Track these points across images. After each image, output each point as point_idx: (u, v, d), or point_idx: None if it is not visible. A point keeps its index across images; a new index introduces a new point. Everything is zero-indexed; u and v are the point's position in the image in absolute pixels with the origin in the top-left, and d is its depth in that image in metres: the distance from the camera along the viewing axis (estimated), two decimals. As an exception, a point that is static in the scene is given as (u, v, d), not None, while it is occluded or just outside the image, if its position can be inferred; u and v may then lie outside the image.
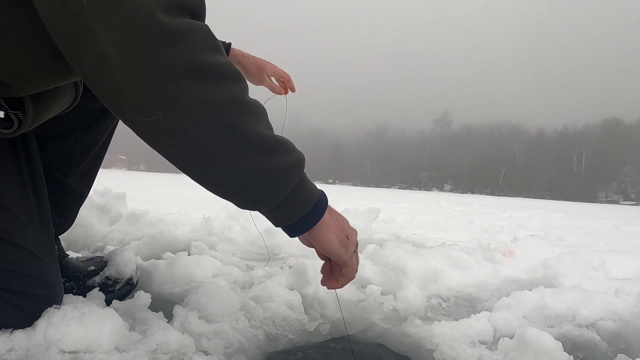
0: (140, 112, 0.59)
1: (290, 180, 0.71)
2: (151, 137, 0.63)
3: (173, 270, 1.20)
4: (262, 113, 0.68)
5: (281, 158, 0.69)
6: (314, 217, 0.77)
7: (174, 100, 0.58)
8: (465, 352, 0.97)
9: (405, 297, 1.19)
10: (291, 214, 0.75)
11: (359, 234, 2.14)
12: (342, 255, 0.83)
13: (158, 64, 0.57)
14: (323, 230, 0.78)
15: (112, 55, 0.56)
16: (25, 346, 0.76)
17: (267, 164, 0.67)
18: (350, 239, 0.84)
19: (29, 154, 0.88)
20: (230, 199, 0.71)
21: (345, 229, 0.84)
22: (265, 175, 0.68)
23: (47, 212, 0.89)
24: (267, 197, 0.70)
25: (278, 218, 0.76)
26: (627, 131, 74.39)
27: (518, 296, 1.23)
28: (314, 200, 0.76)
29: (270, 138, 0.68)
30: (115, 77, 0.57)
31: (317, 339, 1.10)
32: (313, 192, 0.76)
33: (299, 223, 0.76)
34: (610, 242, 3.74)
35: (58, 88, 0.81)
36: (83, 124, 1.07)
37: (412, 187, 79.45)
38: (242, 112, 0.64)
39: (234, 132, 0.63)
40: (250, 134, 0.64)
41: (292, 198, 0.72)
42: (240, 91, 0.65)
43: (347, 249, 0.83)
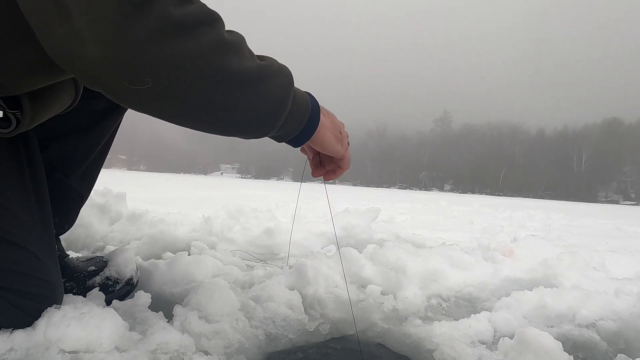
0: (124, 82, 0.57)
1: (287, 98, 0.73)
2: (144, 104, 0.62)
3: (173, 270, 1.21)
4: (242, 43, 0.68)
5: (274, 81, 0.70)
6: (314, 122, 0.82)
7: (159, 63, 0.57)
8: (465, 352, 0.97)
9: (405, 297, 1.19)
10: (295, 127, 0.79)
11: (359, 233, 2.17)
12: (339, 150, 0.90)
13: (132, 30, 0.55)
14: (321, 131, 0.84)
15: (82, 29, 0.54)
16: (25, 346, 0.76)
17: (263, 93, 0.68)
18: (343, 132, 0.90)
19: (30, 154, 0.88)
20: (238, 135, 0.73)
21: (337, 124, 0.89)
22: (266, 103, 0.70)
23: (47, 213, 0.89)
24: (273, 121, 0.73)
25: (283, 135, 0.79)
26: (627, 131, 74.39)
27: (518, 296, 1.23)
28: (309, 107, 0.80)
29: (259, 67, 0.68)
30: (88, 51, 0.55)
31: (317, 338, 1.10)
32: (305, 99, 0.80)
33: (302, 132, 0.80)
34: (610, 242, 3.74)
35: (57, 87, 0.81)
36: (85, 125, 1.07)
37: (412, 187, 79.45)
38: (227, 51, 0.63)
39: (225, 75, 0.63)
40: (240, 70, 0.65)
41: (293, 112, 0.75)
42: (219, 32, 0.63)
43: (343, 143, 0.90)
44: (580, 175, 73.50)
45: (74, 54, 0.56)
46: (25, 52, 0.67)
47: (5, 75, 0.70)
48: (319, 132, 0.83)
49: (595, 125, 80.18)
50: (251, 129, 0.72)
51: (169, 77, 0.58)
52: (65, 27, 0.55)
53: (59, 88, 0.82)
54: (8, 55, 0.67)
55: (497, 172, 79.19)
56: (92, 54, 0.55)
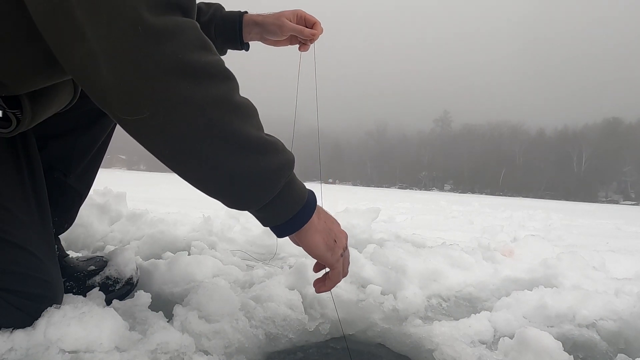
0: (126, 110, 0.59)
1: (278, 181, 0.70)
2: (138, 134, 0.63)
3: (173, 270, 1.20)
4: (252, 112, 0.68)
5: (270, 159, 0.68)
6: (302, 219, 0.77)
7: (160, 99, 0.58)
8: (466, 351, 0.97)
9: (405, 296, 1.19)
10: (279, 215, 0.75)
11: (359, 233, 2.17)
12: (328, 259, 0.82)
13: (143, 63, 0.56)
14: (309, 232, 0.78)
15: (98, 52, 0.56)
16: (25, 346, 0.76)
17: (255, 165, 0.67)
18: (338, 242, 0.84)
19: (29, 154, 0.88)
20: (218, 198, 0.71)
21: (334, 232, 0.83)
22: (253, 175, 0.67)
23: (47, 212, 0.89)
24: (254, 197, 0.70)
25: (266, 218, 0.76)
26: (627, 131, 74.38)
27: (518, 296, 1.23)
28: (302, 202, 0.76)
29: (259, 138, 0.67)
30: (101, 73, 0.57)
31: (317, 338, 1.10)
32: (302, 193, 0.76)
33: (287, 224, 0.76)
34: (610, 242, 3.74)
35: (56, 86, 0.81)
36: (83, 124, 1.07)
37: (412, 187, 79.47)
38: (230, 111, 0.63)
39: (221, 132, 0.62)
40: (238, 134, 0.64)
41: (280, 199, 0.72)
42: (228, 90, 0.64)
43: (334, 252, 0.83)
44: (580, 175, 73.52)
45: (90, 75, 0.58)
46: (28, 53, 0.67)
47: (8, 75, 0.70)
48: (306, 231, 0.78)
49: (595, 125, 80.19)
50: (233, 196, 0.70)
51: (165, 114, 0.59)
52: (83, 49, 0.56)
53: (58, 87, 0.82)
54: (12, 56, 0.68)
55: (497, 172, 79.23)
56: (105, 77, 0.57)
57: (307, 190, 0.79)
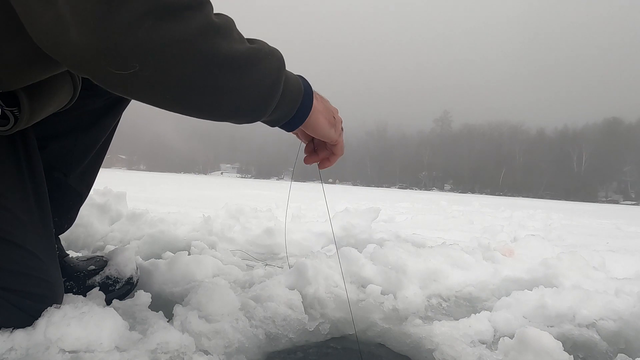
0: (115, 66, 0.56)
1: (279, 82, 0.72)
2: (133, 91, 0.61)
3: (173, 270, 1.21)
4: (231, 27, 0.67)
5: (265, 64, 0.69)
6: (307, 106, 0.80)
7: (145, 47, 0.56)
8: (466, 351, 0.97)
9: (405, 296, 1.19)
10: (287, 111, 0.78)
11: (359, 233, 2.17)
12: (333, 135, 0.87)
13: (117, 14, 0.54)
14: (313, 116, 0.82)
15: (65, 14, 0.53)
16: (25, 345, 0.76)
17: (255, 76, 0.68)
18: (337, 117, 0.88)
19: (29, 154, 0.88)
20: (230, 120, 0.72)
21: (330, 109, 0.87)
22: (257, 87, 0.69)
23: (47, 212, 0.89)
24: (263, 106, 0.72)
25: (275, 119, 0.78)
26: (627, 131, 74.38)
27: (518, 296, 1.23)
28: (301, 91, 0.79)
29: (249, 50, 0.67)
30: (71, 37, 0.54)
31: (317, 338, 1.10)
32: (298, 83, 0.79)
33: (295, 117, 0.79)
34: (610, 242, 3.74)
35: (54, 85, 0.81)
36: (83, 124, 1.07)
37: (412, 187, 79.47)
38: (215, 35, 0.62)
39: (214, 59, 0.62)
40: (230, 53, 0.63)
41: (285, 96, 0.74)
42: (207, 16, 0.62)
43: (336, 128, 0.88)
44: (580, 175, 73.50)
45: (58, 41, 0.55)
46: (20, 43, 0.66)
47: (2, 67, 0.69)
48: (311, 117, 0.82)
49: (595, 125, 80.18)
50: (242, 113, 0.71)
51: (155, 62, 0.57)
52: (50, 14, 0.54)
53: (56, 85, 0.81)
54: (4, 47, 0.67)
55: (497, 172, 79.23)
56: (76, 40, 0.54)
57: (299, 76, 0.81)
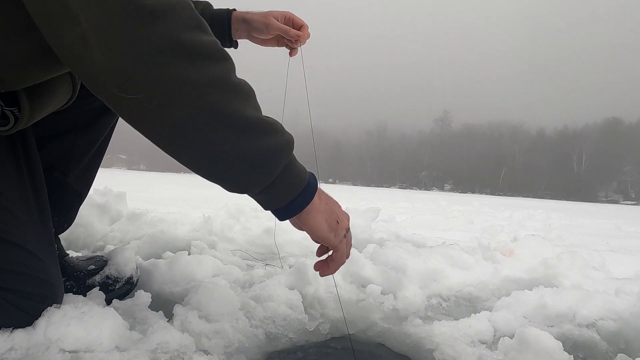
0: (121, 92, 0.58)
1: (278, 162, 0.70)
2: (134, 118, 0.62)
3: (173, 270, 1.20)
4: (249, 93, 0.67)
5: (269, 139, 0.67)
6: (304, 200, 0.76)
7: (155, 80, 0.57)
8: (466, 351, 0.97)
9: (405, 296, 1.19)
10: (280, 197, 0.74)
11: (359, 233, 2.17)
12: (331, 240, 0.83)
13: (137, 44, 0.55)
14: (311, 213, 0.78)
15: (90, 35, 0.55)
16: (25, 345, 0.76)
17: (254, 146, 0.66)
18: (341, 224, 0.84)
19: (28, 154, 0.88)
20: (217, 182, 0.70)
21: (336, 213, 0.84)
22: (253, 157, 0.67)
23: (46, 212, 0.89)
24: (254, 180, 0.69)
25: (267, 201, 0.75)
26: (627, 131, 74.37)
27: (518, 296, 1.23)
28: (303, 183, 0.75)
29: (257, 119, 0.66)
30: (94, 57, 0.56)
31: (317, 338, 1.10)
32: (302, 174, 0.76)
33: (288, 206, 0.75)
34: (610, 242, 3.74)
35: (54, 84, 0.81)
36: (82, 123, 1.07)
37: (412, 187, 79.44)
38: (227, 92, 0.62)
39: (218, 113, 0.61)
40: (236, 114, 0.63)
41: (281, 181, 0.72)
42: (225, 70, 0.63)
43: (337, 234, 0.83)
44: (580, 175, 73.50)
45: (80, 58, 0.57)
46: (25, 44, 0.67)
47: (5, 68, 0.69)
48: (308, 213, 0.77)
49: (595, 125, 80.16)
50: (232, 179, 0.69)
51: (161, 96, 0.58)
52: (74, 33, 0.55)
53: (56, 84, 0.81)
54: (8, 48, 0.67)
55: (497, 172, 79.19)
56: (98, 59, 0.56)
57: (308, 172, 0.78)
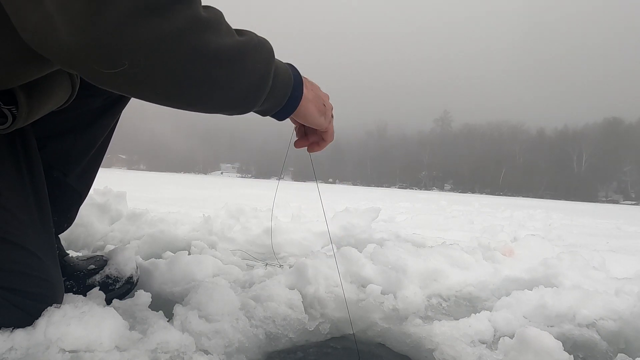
0: (105, 66, 0.57)
1: (269, 73, 0.73)
2: (124, 87, 0.61)
3: (173, 270, 1.20)
4: (220, 20, 0.66)
5: (254, 56, 0.70)
6: (297, 95, 0.81)
7: (133, 45, 0.56)
8: (466, 351, 0.97)
9: (405, 296, 1.19)
10: (277, 101, 0.79)
11: (359, 233, 2.17)
12: (322, 122, 0.89)
13: (104, 13, 0.53)
14: (304, 104, 0.83)
15: (53, 13, 0.53)
16: (25, 345, 0.76)
17: (245, 68, 0.68)
18: (326, 105, 0.90)
19: (28, 154, 0.88)
20: (224, 112, 0.73)
21: (321, 97, 0.89)
22: (247, 78, 0.69)
23: (47, 212, 0.89)
24: (255, 96, 0.73)
25: (267, 109, 0.79)
26: (627, 131, 74.34)
27: (518, 296, 1.23)
28: (291, 80, 0.80)
29: (238, 43, 0.67)
30: (60, 36, 0.54)
31: (317, 338, 1.10)
32: (288, 72, 0.79)
33: (285, 106, 0.80)
34: (610, 242, 3.74)
35: (52, 83, 0.81)
36: (82, 123, 1.07)
37: (412, 187, 79.44)
38: (203, 29, 0.62)
39: (204, 54, 0.62)
40: (219, 48, 0.63)
41: (275, 87, 0.75)
42: (194, 10, 0.62)
43: (326, 116, 0.90)
44: (581, 175, 73.48)
45: (47, 40, 0.56)
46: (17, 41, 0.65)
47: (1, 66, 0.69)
48: (302, 105, 0.83)
49: (595, 125, 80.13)
50: (233, 105, 0.72)
51: (144, 59, 0.57)
52: (38, 13, 0.54)
53: (54, 83, 0.81)
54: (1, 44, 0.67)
55: (497, 171, 79.18)
56: (65, 39, 0.54)
57: (288, 65, 0.82)
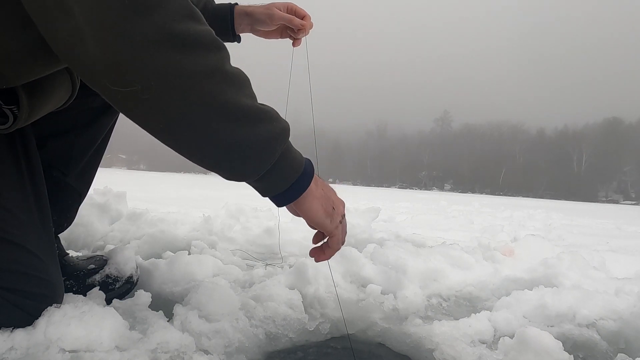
0: (117, 83, 0.58)
1: (275, 149, 0.71)
2: (130, 109, 0.62)
3: (173, 269, 1.21)
4: (244, 82, 0.67)
5: (265, 127, 0.68)
6: (301, 187, 0.77)
7: (150, 71, 0.57)
8: (466, 351, 0.97)
9: (405, 296, 1.19)
10: (277, 184, 0.75)
11: (359, 233, 2.17)
12: (327, 226, 0.84)
13: (131, 35, 0.56)
14: (308, 199, 0.79)
15: (84, 28, 0.55)
16: (25, 345, 0.76)
17: (250, 134, 0.66)
18: (337, 210, 0.85)
19: (28, 153, 0.88)
20: (215, 170, 0.71)
21: (332, 199, 0.85)
22: (249, 145, 0.67)
23: (46, 211, 0.89)
24: (252, 167, 0.70)
25: (264, 188, 0.76)
26: (627, 131, 74.30)
27: (518, 295, 1.23)
28: (300, 170, 0.76)
29: (253, 107, 0.67)
30: (88, 49, 0.56)
31: (317, 338, 1.10)
32: (299, 161, 0.77)
33: (285, 193, 0.77)
34: (610, 242, 3.74)
35: (53, 82, 0.81)
36: (82, 122, 1.07)
37: (412, 187, 79.38)
38: (222, 81, 0.63)
39: (214, 103, 0.62)
40: (231, 103, 0.63)
41: (278, 168, 0.73)
42: (220, 60, 0.63)
43: (333, 220, 0.84)
44: (581, 175, 73.47)
45: (74, 53, 0.57)
46: (25, 38, 0.67)
47: (6, 63, 0.69)
48: (305, 199, 0.78)
49: (595, 125, 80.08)
50: (230, 167, 0.70)
51: (156, 87, 0.58)
52: (68, 25, 0.55)
53: (55, 83, 0.82)
54: (7, 43, 0.67)
55: (497, 171, 79.16)
56: (91, 53, 0.56)
57: (304, 158, 0.79)
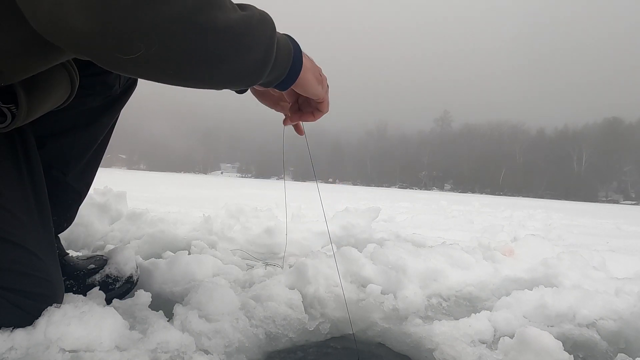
0: (122, 51, 0.57)
1: (272, 44, 0.74)
2: (140, 71, 0.62)
3: (173, 269, 1.21)
4: None
5: (258, 30, 0.71)
6: (297, 65, 0.82)
7: (147, 27, 0.56)
8: (466, 351, 0.97)
9: (405, 296, 1.19)
10: (281, 72, 0.80)
11: (359, 233, 2.18)
12: (320, 92, 0.90)
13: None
14: (304, 74, 0.85)
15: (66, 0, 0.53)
16: (25, 345, 0.76)
17: (251, 42, 0.69)
18: (322, 75, 0.92)
19: (28, 153, 0.88)
20: (233, 86, 0.74)
21: (317, 67, 0.90)
22: (254, 52, 0.70)
23: (46, 211, 0.89)
24: (261, 68, 0.74)
25: (271, 81, 0.80)
26: (627, 131, 74.27)
27: (518, 295, 1.23)
28: (291, 50, 0.81)
29: (243, 18, 0.68)
30: (74, 23, 0.54)
31: (317, 338, 1.10)
32: (288, 43, 0.81)
33: (288, 76, 0.81)
34: (610, 242, 3.74)
35: (52, 81, 0.81)
36: (82, 122, 1.07)
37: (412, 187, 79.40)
38: (211, 8, 0.63)
39: (213, 30, 0.63)
40: (226, 24, 0.64)
41: (278, 58, 0.76)
42: None
43: (323, 85, 0.91)
44: (581, 174, 73.45)
45: (58, 27, 0.55)
46: (22, 32, 0.65)
47: (3, 59, 0.69)
48: (302, 75, 0.84)
49: (595, 125, 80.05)
50: (242, 78, 0.73)
51: (159, 40, 0.58)
52: (48, 1, 0.53)
53: (54, 81, 0.81)
54: (4, 38, 0.66)
55: (497, 171, 79.14)
56: (78, 25, 0.54)
57: (287, 35, 0.83)
